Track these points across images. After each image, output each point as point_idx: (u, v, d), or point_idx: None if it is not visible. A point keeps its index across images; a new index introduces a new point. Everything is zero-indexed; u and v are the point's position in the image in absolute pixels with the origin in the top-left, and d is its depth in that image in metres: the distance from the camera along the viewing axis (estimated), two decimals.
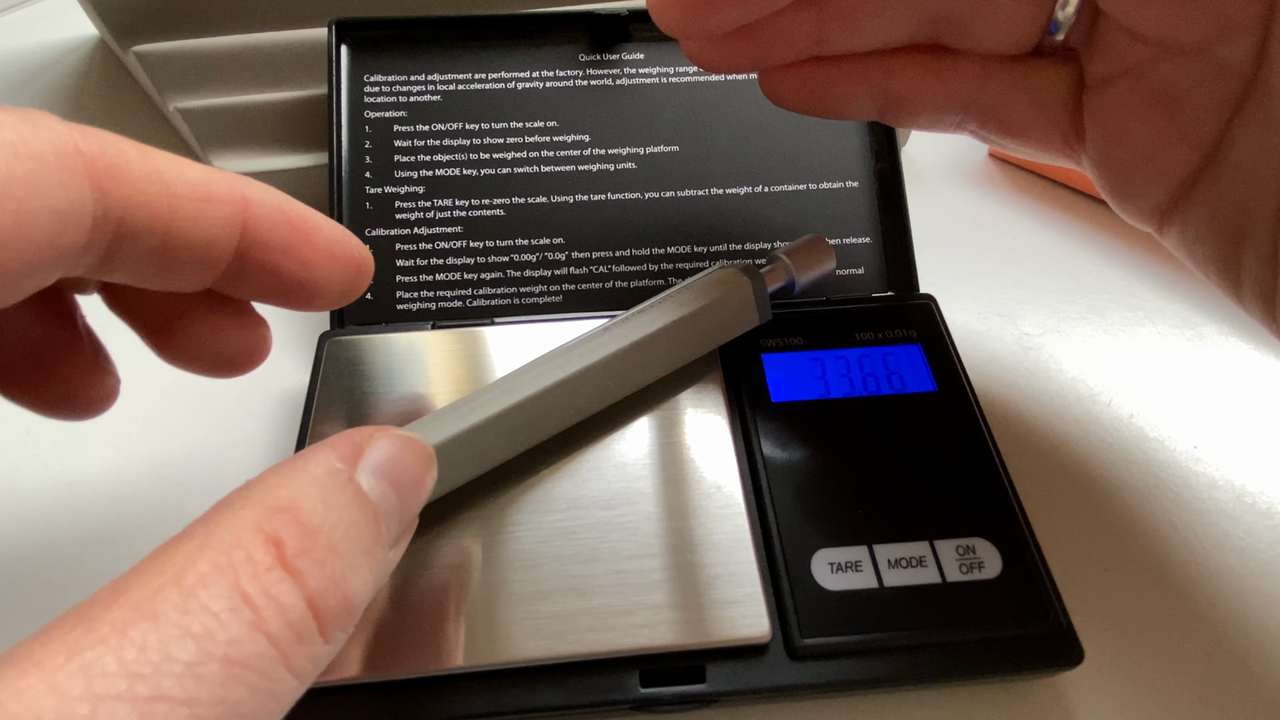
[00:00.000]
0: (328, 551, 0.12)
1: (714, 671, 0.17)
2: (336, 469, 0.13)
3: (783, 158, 0.27)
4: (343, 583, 0.12)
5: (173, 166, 0.13)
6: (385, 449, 0.14)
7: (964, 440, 0.21)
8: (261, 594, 0.11)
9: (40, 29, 0.39)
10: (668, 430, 0.21)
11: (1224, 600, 0.21)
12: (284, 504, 0.12)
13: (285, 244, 0.15)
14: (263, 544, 0.11)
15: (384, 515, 0.13)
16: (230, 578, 0.10)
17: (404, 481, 0.14)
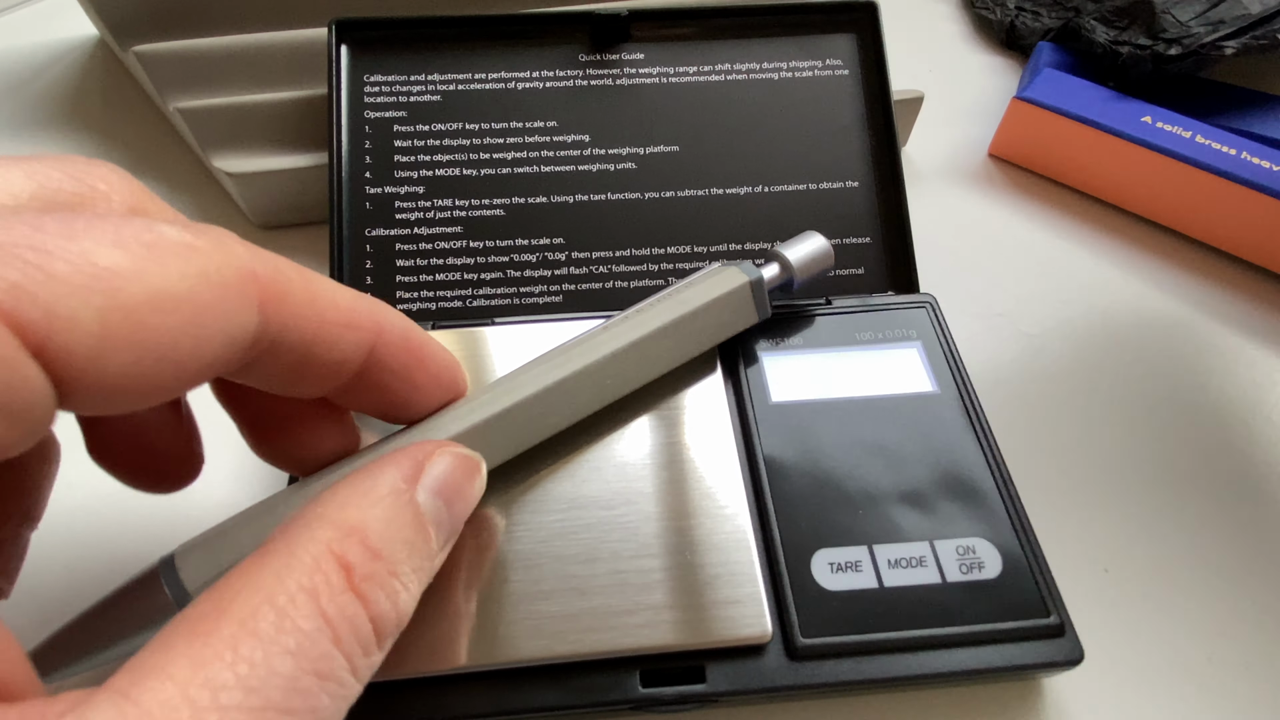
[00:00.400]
0: (389, 576, 0.13)
1: (714, 671, 0.17)
2: (400, 489, 0.14)
3: (783, 158, 0.27)
4: (397, 601, 0.13)
5: (326, 292, 0.14)
6: (443, 467, 0.15)
7: (964, 440, 0.21)
8: (339, 614, 0.12)
9: (40, 29, 0.39)
10: (668, 430, 0.21)
11: (1224, 600, 0.21)
12: (353, 526, 0.13)
13: (403, 369, 0.16)
14: (335, 568, 0.12)
15: (436, 529, 0.14)
16: (314, 599, 0.12)
17: (455, 496, 0.15)
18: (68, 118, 0.34)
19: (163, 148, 0.33)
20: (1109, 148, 0.30)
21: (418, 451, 0.15)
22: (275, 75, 0.29)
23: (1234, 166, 0.28)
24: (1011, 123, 0.32)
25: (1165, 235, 0.30)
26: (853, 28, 0.28)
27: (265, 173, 0.28)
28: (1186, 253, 0.30)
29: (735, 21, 0.28)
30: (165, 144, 0.33)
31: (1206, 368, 0.26)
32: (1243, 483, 0.23)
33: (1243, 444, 0.24)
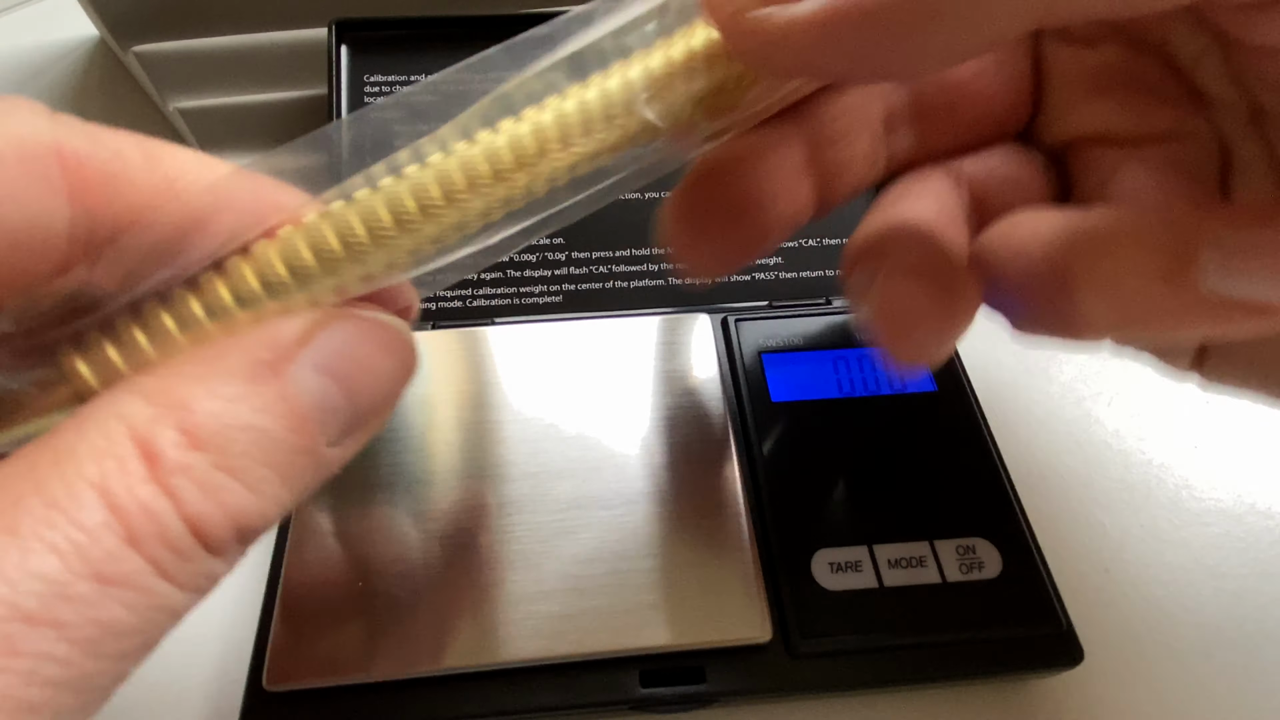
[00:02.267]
0: (213, 470, 0.10)
1: (714, 671, 0.17)
2: (260, 361, 0.11)
3: None
4: (231, 507, 0.10)
5: (190, 170, 0.12)
6: (338, 337, 0.11)
7: (964, 440, 0.21)
8: (136, 506, 0.09)
9: (40, 29, 0.39)
10: (667, 430, 0.21)
11: (1224, 600, 0.21)
12: (174, 401, 0.10)
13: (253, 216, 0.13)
14: (135, 454, 0.10)
15: (320, 417, 0.11)
16: (99, 489, 0.09)
17: (359, 379, 0.12)
18: None
19: None
20: None
21: (307, 316, 0.11)
22: (275, 75, 0.29)
23: None
24: None
25: None
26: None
27: None
28: None
29: None
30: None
31: None
32: (1243, 483, 0.23)
33: (1244, 444, 0.24)
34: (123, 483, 0.09)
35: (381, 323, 0.12)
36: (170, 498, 0.10)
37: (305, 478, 0.11)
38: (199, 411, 0.10)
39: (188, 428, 0.10)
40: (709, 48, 0.12)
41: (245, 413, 0.10)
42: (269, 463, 0.10)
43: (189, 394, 0.10)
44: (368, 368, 0.12)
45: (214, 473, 0.10)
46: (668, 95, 0.13)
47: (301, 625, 0.17)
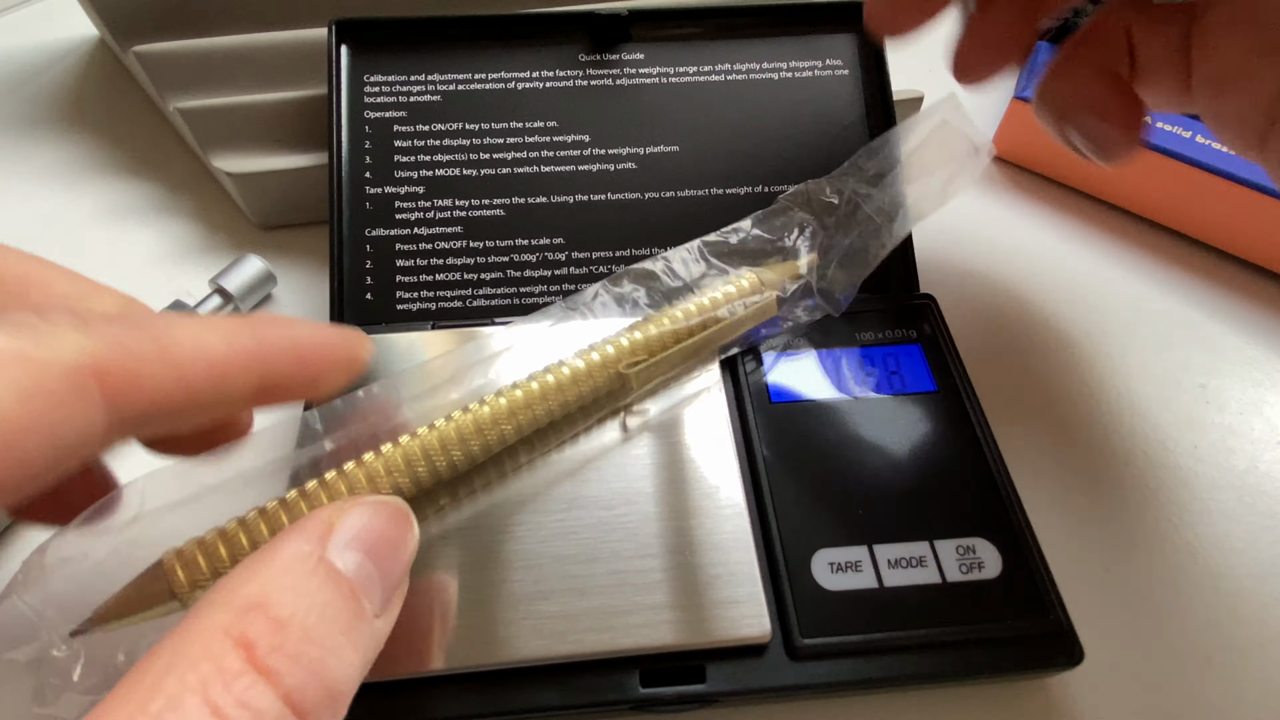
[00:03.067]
0: (302, 643, 0.11)
1: (714, 671, 0.17)
2: (304, 552, 0.13)
3: (783, 158, 0.27)
4: (323, 671, 0.12)
5: (190, 353, 0.13)
6: (357, 520, 0.14)
7: (964, 440, 0.21)
8: (234, 704, 0.10)
9: (40, 29, 0.39)
10: (668, 430, 0.21)
11: (1224, 600, 0.21)
12: (253, 601, 0.12)
13: (300, 374, 0.15)
14: (233, 649, 0.11)
15: (363, 588, 0.13)
16: (200, 693, 0.10)
17: (380, 548, 0.14)
18: (68, 118, 0.34)
19: (163, 148, 0.33)
20: None
21: (323, 512, 0.14)
22: (275, 75, 0.29)
23: (1234, 166, 0.28)
24: (1011, 123, 0.32)
25: (1165, 235, 0.30)
26: (853, 28, 0.28)
27: (265, 173, 0.28)
28: (1186, 253, 0.30)
29: (735, 21, 0.28)
30: (165, 144, 0.33)
31: (1206, 368, 0.26)
32: (1243, 483, 0.23)
33: (1244, 444, 0.24)
34: (220, 682, 0.10)
35: (385, 502, 0.15)
36: (268, 678, 0.11)
37: (367, 644, 0.13)
38: (277, 602, 0.12)
39: (272, 616, 0.11)
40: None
41: (311, 592, 0.12)
42: (340, 630, 0.12)
43: (263, 591, 0.12)
44: (386, 539, 0.14)
45: (303, 645, 0.11)
46: None
47: None
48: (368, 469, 0.18)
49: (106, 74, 0.36)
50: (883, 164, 0.21)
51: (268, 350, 0.14)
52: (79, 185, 0.32)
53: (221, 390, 0.14)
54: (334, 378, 0.16)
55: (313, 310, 0.28)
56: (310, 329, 0.16)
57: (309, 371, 0.15)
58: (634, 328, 0.21)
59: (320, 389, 0.16)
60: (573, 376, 0.19)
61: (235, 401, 0.14)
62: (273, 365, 0.15)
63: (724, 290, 0.21)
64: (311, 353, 0.15)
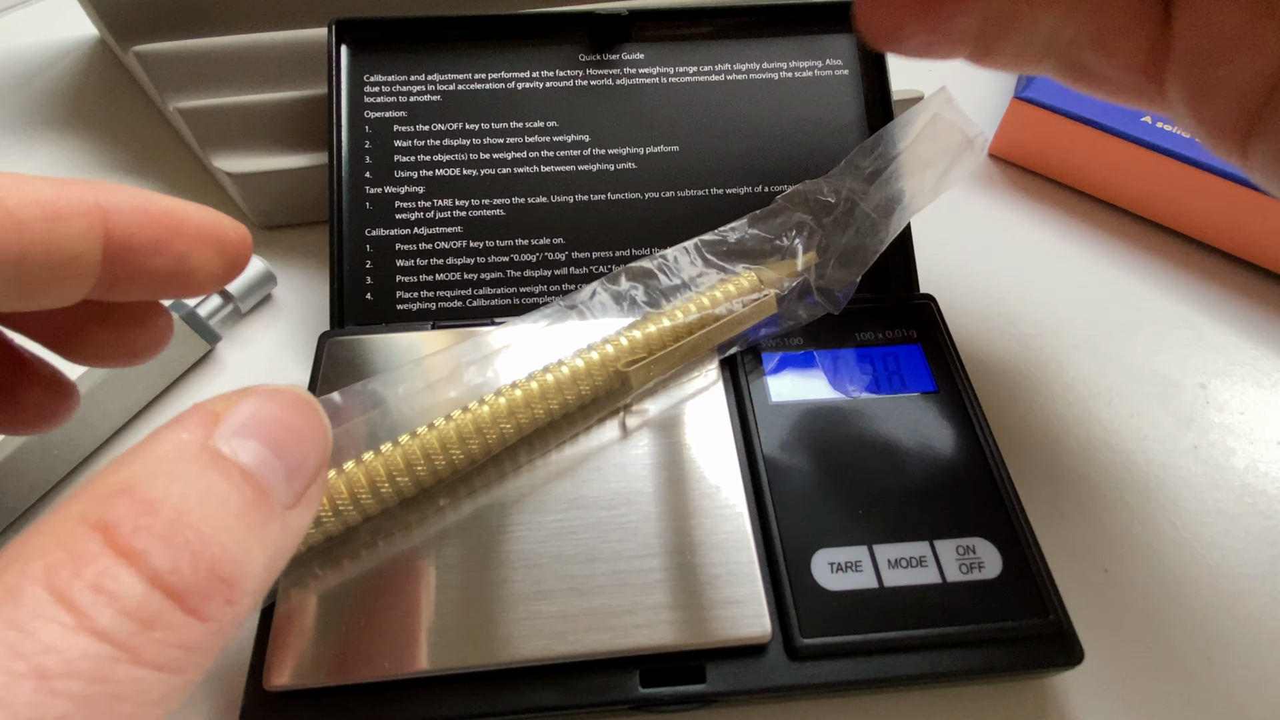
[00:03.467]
0: (174, 522, 0.10)
1: (714, 671, 0.17)
2: (183, 440, 0.11)
3: (783, 158, 0.27)
4: (205, 551, 0.10)
5: (14, 189, 0.12)
6: (248, 408, 0.12)
7: (964, 440, 0.21)
8: (85, 589, 0.09)
9: (40, 29, 0.39)
10: (668, 430, 0.21)
11: (1224, 600, 0.21)
12: (117, 488, 0.10)
13: (154, 242, 0.14)
14: (88, 533, 0.10)
15: (260, 475, 0.12)
16: (41, 582, 0.09)
17: (281, 437, 0.12)
18: (68, 118, 0.34)
19: (163, 148, 0.33)
20: (1109, 148, 0.30)
21: (209, 403, 0.12)
22: (275, 75, 0.29)
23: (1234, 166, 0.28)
24: (1011, 123, 0.32)
25: (1165, 235, 0.30)
26: (852, 28, 0.28)
27: (265, 173, 0.28)
28: (1186, 253, 0.30)
29: (735, 21, 0.28)
30: (165, 144, 0.33)
31: (1206, 368, 0.26)
32: (1243, 483, 0.23)
33: (1244, 444, 0.24)
34: (70, 567, 0.09)
35: (279, 389, 0.13)
36: (130, 559, 0.09)
37: (275, 536, 0.12)
38: (146, 486, 0.10)
39: (139, 499, 0.10)
40: None
41: (191, 477, 0.11)
42: (234, 513, 0.11)
43: (131, 477, 0.10)
44: (285, 425, 0.13)
45: (176, 525, 0.10)
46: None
47: (301, 625, 0.17)
48: (367, 469, 0.18)
49: (106, 74, 0.36)
50: (878, 161, 0.21)
51: (107, 201, 0.14)
52: None
53: (59, 234, 0.13)
54: (202, 253, 0.15)
55: (313, 310, 0.28)
56: (167, 198, 0.15)
57: (164, 235, 0.14)
58: (633, 326, 0.21)
59: (191, 270, 0.15)
60: (572, 376, 0.20)
61: (81, 255, 0.13)
62: (117, 219, 0.14)
63: (723, 289, 0.21)
64: (164, 216, 0.14)
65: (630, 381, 0.20)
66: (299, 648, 0.17)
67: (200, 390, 0.26)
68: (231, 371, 0.26)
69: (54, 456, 0.22)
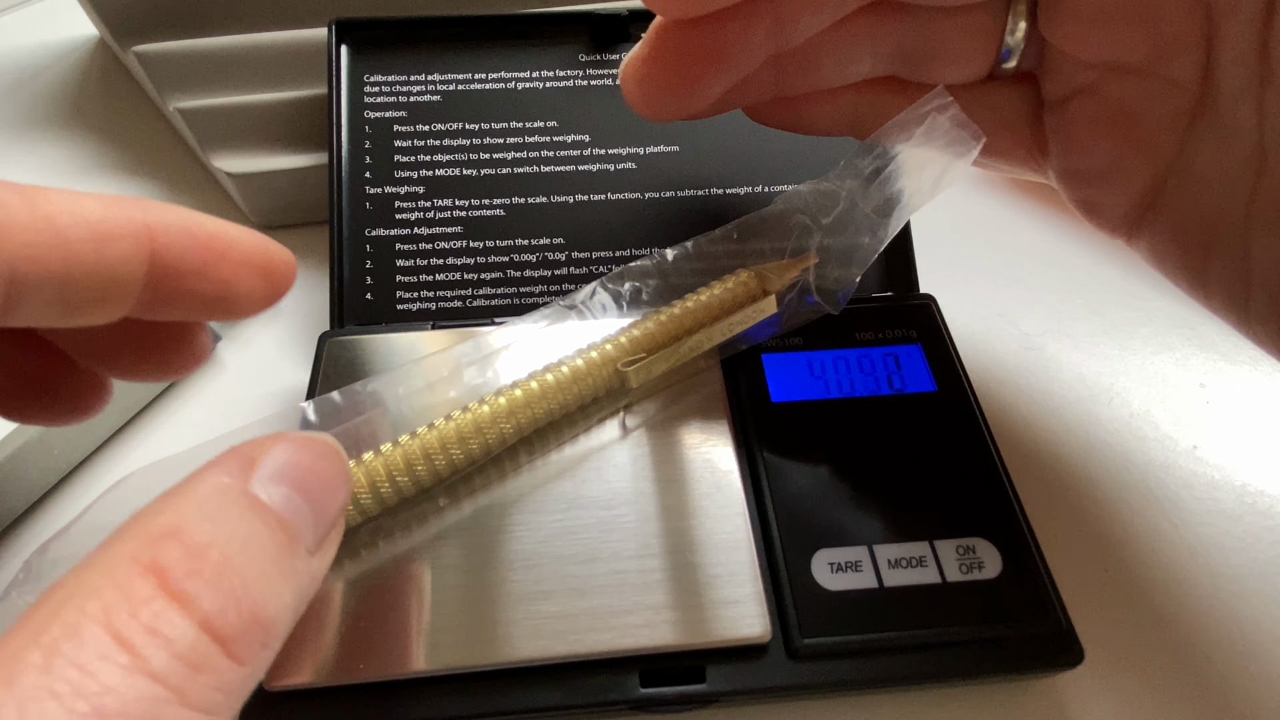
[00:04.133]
0: (222, 568, 0.11)
1: (714, 671, 0.17)
2: (224, 484, 0.12)
3: (783, 158, 0.27)
4: (247, 597, 0.11)
5: (65, 208, 0.12)
6: (281, 454, 0.13)
7: (964, 440, 0.21)
8: (140, 631, 0.10)
9: (40, 29, 0.39)
10: (668, 430, 0.21)
11: (1224, 600, 0.21)
12: (166, 529, 0.11)
13: (199, 266, 0.14)
14: (141, 575, 0.10)
15: (292, 521, 0.12)
16: (101, 622, 0.09)
17: (311, 483, 0.13)
18: (68, 118, 0.34)
19: (163, 148, 0.33)
20: None
21: (245, 446, 0.13)
22: (275, 75, 0.29)
23: None
24: None
25: None
26: None
27: (265, 173, 0.28)
28: None
29: None
30: (165, 144, 0.33)
31: (1206, 368, 0.26)
32: (1243, 483, 0.23)
33: (1244, 444, 0.24)
34: (126, 609, 0.10)
35: (311, 436, 0.14)
36: (182, 603, 0.10)
37: (300, 581, 0.12)
38: (194, 529, 0.11)
39: (188, 542, 0.11)
40: None
41: (233, 522, 0.11)
42: (270, 559, 0.11)
43: (178, 519, 0.11)
44: (316, 473, 0.13)
45: (223, 570, 0.11)
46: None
47: (301, 625, 0.17)
48: (368, 468, 0.18)
49: (106, 74, 0.36)
50: (877, 161, 0.21)
51: (155, 222, 0.14)
52: (79, 185, 0.32)
53: (105, 254, 0.13)
54: (247, 279, 0.15)
55: (313, 310, 0.28)
56: (214, 220, 0.15)
57: (210, 259, 0.14)
58: (633, 326, 0.21)
59: (232, 294, 0.15)
60: (572, 375, 0.20)
61: (125, 277, 0.13)
62: (164, 241, 0.14)
63: (722, 288, 0.21)
64: (210, 238, 0.14)
65: (629, 381, 0.20)
66: (299, 648, 0.17)
67: (200, 390, 0.26)
68: (232, 371, 0.26)
69: (54, 456, 0.22)
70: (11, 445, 0.22)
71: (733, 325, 0.21)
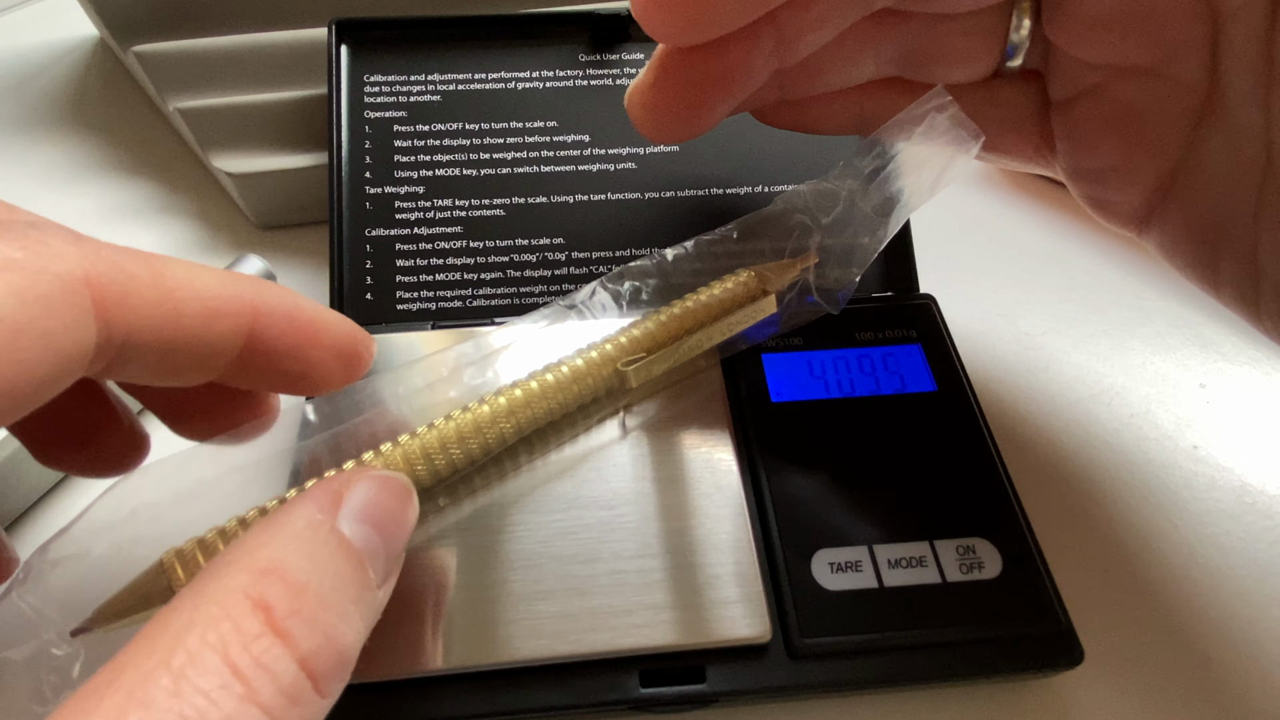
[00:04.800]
0: (317, 608, 0.12)
1: (714, 671, 0.17)
2: (317, 521, 0.13)
3: (783, 158, 0.27)
4: (335, 636, 0.12)
5: (183, 283, 0.13)
6: (364, 492, 0.14)
7: (964, 440, 0.21)
8: (252, 665, 0.11)
9: (40, 29, 0.39)
10: (668, 430, 0.21)
11: (1224, 600, 0.21)
12: (269, 565, 0.12)
13: (291, 348, 0.15)
14: (251, 611, 0.11)
15: (369, 558, 0.13)
16: (220, 653, 0.10)
17: (385, 522, 0.14)
18: (68, 118, 0.34)
19: (163, 148, 0.33)
20: None
21: (333, 482, 0.14)
22: (275, 75, 0.29)
23: None
24: None
25: None
26: None
27: (265, 173, 0.28)
28: None
29: None
30: (165, 144, 0.33)
31: (1206, 368, 0.26)
32: (1243, 483, 0.23)
33: (1244, 444, 0.24)
34: (240, 642, 0.11)
35: (389, 476, 0.15)
36: (285, 641, 0.11)
37: (370, 613, 0.13)
38: (293, 567, 0.12)
39: (289, 580, 0.12)
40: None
41: (325, 560, 0.12)
42: (351, 598, 0.13)
43: (279, 556, 0.12)
44: (390, 512, 0.14)
45: (318, 610, 0.12)
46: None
47: None
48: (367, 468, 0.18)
49: (106, 74, 0.36)
50: (877, 160, 0.21)
51: (261, 304, 0.14)
52: (79, 185, 0.32)
53: (211, 329, 0.14)
54: (331, 364, 0.16)
55: None
56: (313, 304, 0.16)
57: (302, 342, 0.15)
58: (632, 326, 0.21)
59: (315, 375, 0.16)
60: (572, 375, 0.20)
61: (223, 350, 0.14)
62: (265, 322, 0.14)
63: (722, 288, 0.21)
64: (308, 325, 0.15)
65: (629, 381, 0.20)
66: None
67: None
68: None
69: None
70: (11, 445, 0.22)
71: (732, 325, 0.21)
